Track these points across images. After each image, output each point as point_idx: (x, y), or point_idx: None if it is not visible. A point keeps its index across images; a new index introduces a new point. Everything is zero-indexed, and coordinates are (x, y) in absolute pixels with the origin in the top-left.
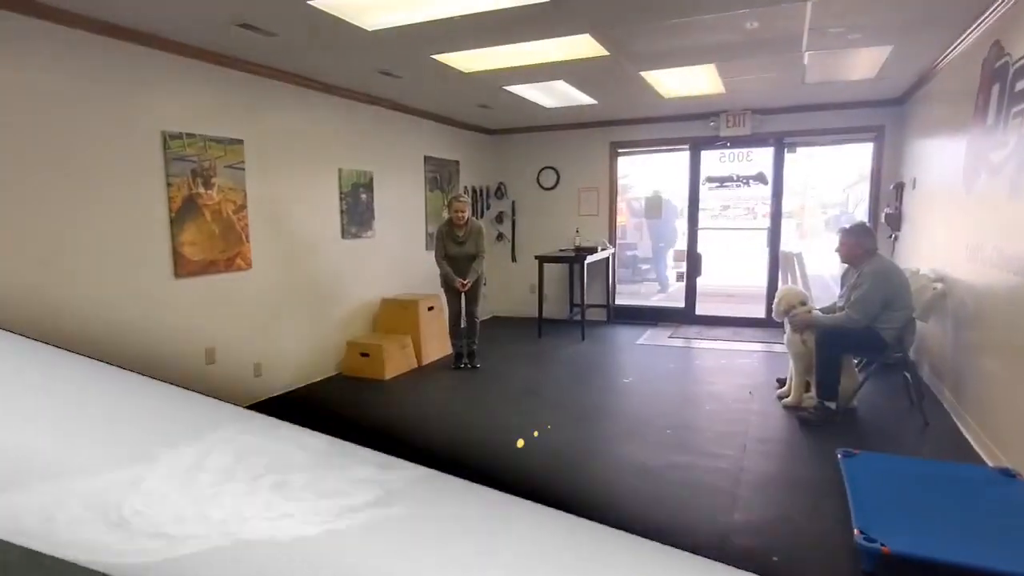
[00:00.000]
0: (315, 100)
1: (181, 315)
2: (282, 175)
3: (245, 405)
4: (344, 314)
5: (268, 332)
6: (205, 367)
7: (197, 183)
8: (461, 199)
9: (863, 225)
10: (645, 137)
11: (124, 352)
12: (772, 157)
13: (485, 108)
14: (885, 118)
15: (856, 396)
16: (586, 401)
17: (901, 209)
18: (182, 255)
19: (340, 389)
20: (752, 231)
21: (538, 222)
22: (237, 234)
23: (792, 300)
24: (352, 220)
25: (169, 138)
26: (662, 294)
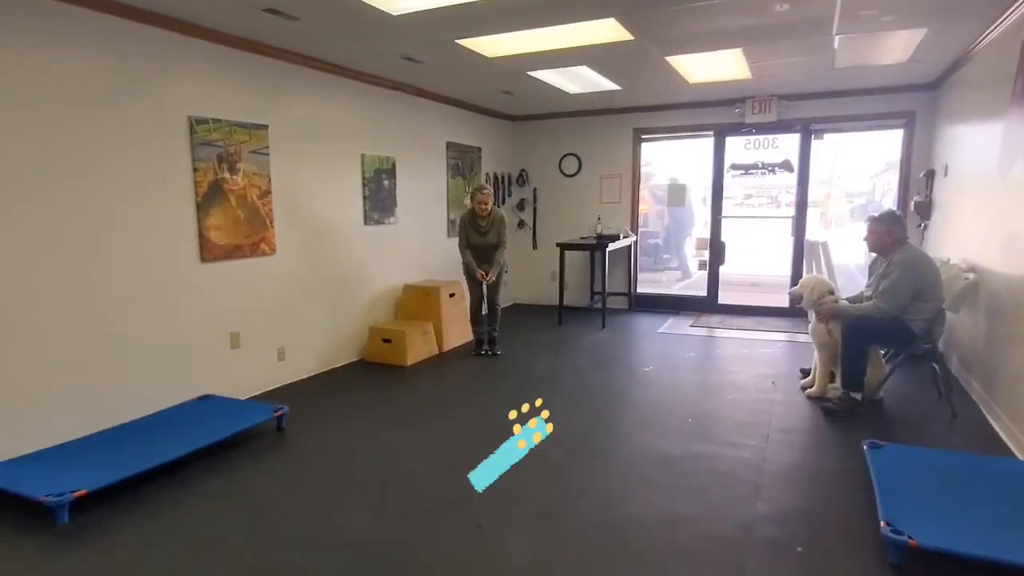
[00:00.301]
0: (338, 86)
1: (207, 299)
2: (306, 161)
3: (269, 389)
4: (366, 300)
5: (292, 317)
6: (230, 351)
7: (223, 168)
8: (484, 190)
9: (893, 213)
10: (669, 124)
11: (151, 334)
12: (798, 144)
13: (508, 94)
14: (916, 103)
15: (882, 387)
16: (606, 389)
17: (931, 197)
18: (208, 239)
19: (362, 374)
20: (776, 220)
21: (560, 209)
22: (262, 219)
23: (821, 289)
24: (375, 206)
25: (195, 123)
26: (685, 280)
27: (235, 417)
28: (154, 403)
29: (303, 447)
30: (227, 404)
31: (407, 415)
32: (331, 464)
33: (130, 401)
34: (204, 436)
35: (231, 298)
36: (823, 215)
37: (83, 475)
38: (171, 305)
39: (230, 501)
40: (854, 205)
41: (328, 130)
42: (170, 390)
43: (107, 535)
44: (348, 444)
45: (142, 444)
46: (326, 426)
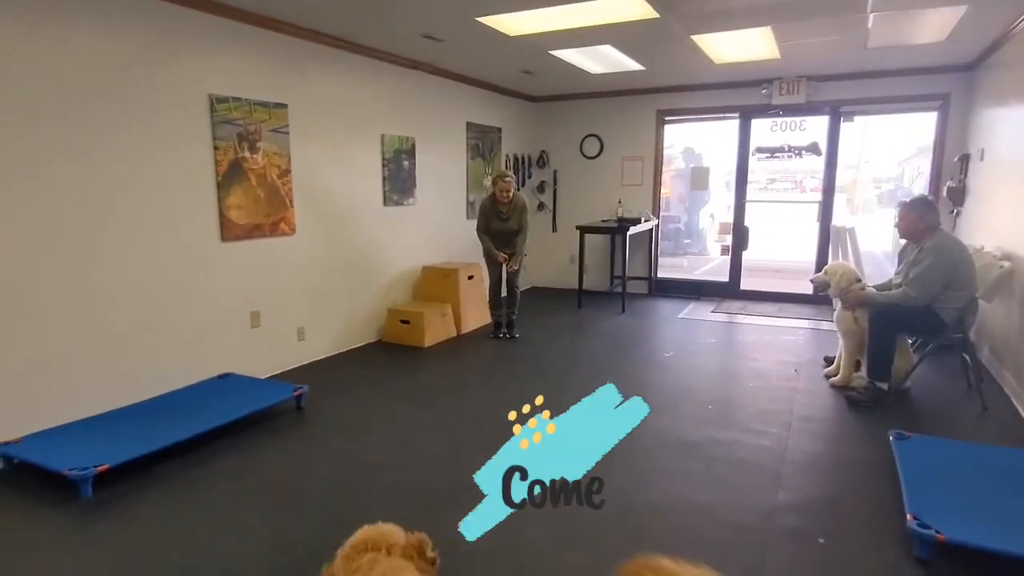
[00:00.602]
0: (358, 64)
1: (227, 278)
2: (325, 140)
3: (288, 369)
4: (385, 281)
5: (311, 297)
6: (250, 330)
7: (243, 147)
8: (507, 178)
9: (925, 199)
10: (693, 105)
11: (172, 312)
12: (827, 127)
13: (529, 74)
14: (952, 85)
15: (909, 377)
16: (625, 374)
17: (965, 182)
18: (228, 219)
19: (381, 355)
20: (800, 204)
21: (580, 192)
22: (281, 199)
23: (848, 277)
24: (394, 187)
25: (216, 101)
26: (699, 254)
27: (254, 395)
28: (174, 381)
29: (322, 426)
30: (247, 383)
31: (425, 396)
32: (349, 443)
33: (151, 379)
34: (224, 414)
35: (251, 277)
36: (850, 200)
37: (106, 450)
38: (192, 284)
39: (249, 479)
40: (882, 191)
41: (348, 110)
42: (190, 368)
43: (128, 509)
44: (367, 424)
45: (163, 421)
46: (345, 406)
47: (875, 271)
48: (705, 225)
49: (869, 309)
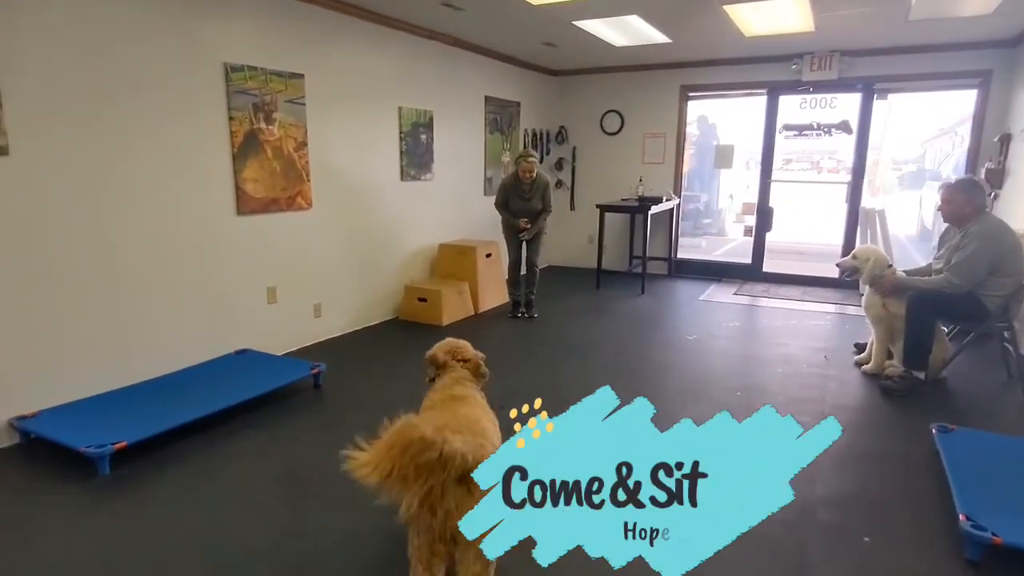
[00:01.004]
0: (375, 34)
1: (243, 253)
2: (343, 112)
3: (305, 345)
4: (402, 258)
5: (328, 273)
6: (266, 306)
7: (259, 118)
8: (530, 158)
9: (972, 180)
10: (719, 80)
11: (188, 287)
12: (859, 104)
13: (550, 46)
14: (994, 62)
15: (947, 367)
16: (648, 358)
17: (1005, 164)
18: (244, 192)
19: (398, 333)
20: (822, 185)
21: (599, 169)
22: (298, 172)
23: (880, 263)
24: (411, 162)
25: (231, 70)
26: (721, 238)
27: (272, 373)
28: (191, 356)
29: (340, 405)
30: (264, 359)
31: None
32: (369, 424)
33: (167, 354)
34: (241, 392)
35: (268, 252)
36: (870, 182)
37: (123, 427)
38: (208, 258)
39: (267, 459)
40: (903, 172)
41: (365, 81)
42: (207, 343)
43: (145, 488)
44: (386, 403)
45: (180, 398)
46: (363, 385)
47: (901, 256)
48: (724, 205)
49: (907, 295)
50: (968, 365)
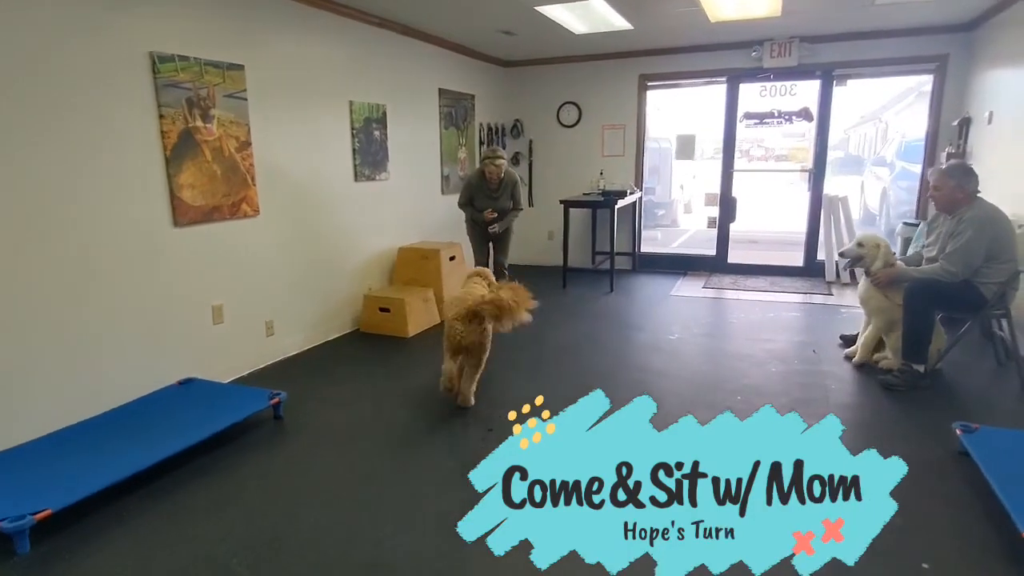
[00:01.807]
0: (321, 21)
1: (183, 269)
2: (289, 107)
3: (258, 368)
4: (359, 265)
5: (279, 286)
6: (212, 327)
7: (194, 115)
8: (498, 160)
9: (963, 164)
10: (678, 69)
11: (121, 311)
12: (818, 91)
13: (508, 34)
14: (950, 46)
15: (943, 358)
16: (634, 361)
17: (966, 148)
18: (181, 200)
19: (361, 348)
20: (778, 173)
21: (558, 163)
22: (242, 176)
23: (888, 253)
24: (365, 160)
25: (158, 60)
26: (675, 229)
27: (224, 406)
28: (129, 390)
29: (307, 438)
30: (213, 389)
31: (419, 396)
32: (342, 459)
33: (101, 389)
34: (189, 432)
35: (211, 267)
36: (803, 168)
37: (45, 490)
38: (141, 277)
39: (228, 513)
40: (831, 158)
41: (312, 73)
42: (147, 374)
43: (77, 567)
44: (358, 431)
45: (117, 443)
46: (329, 411)
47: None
48: (676, 196)
49: (905, 286)
50: (954, 352)
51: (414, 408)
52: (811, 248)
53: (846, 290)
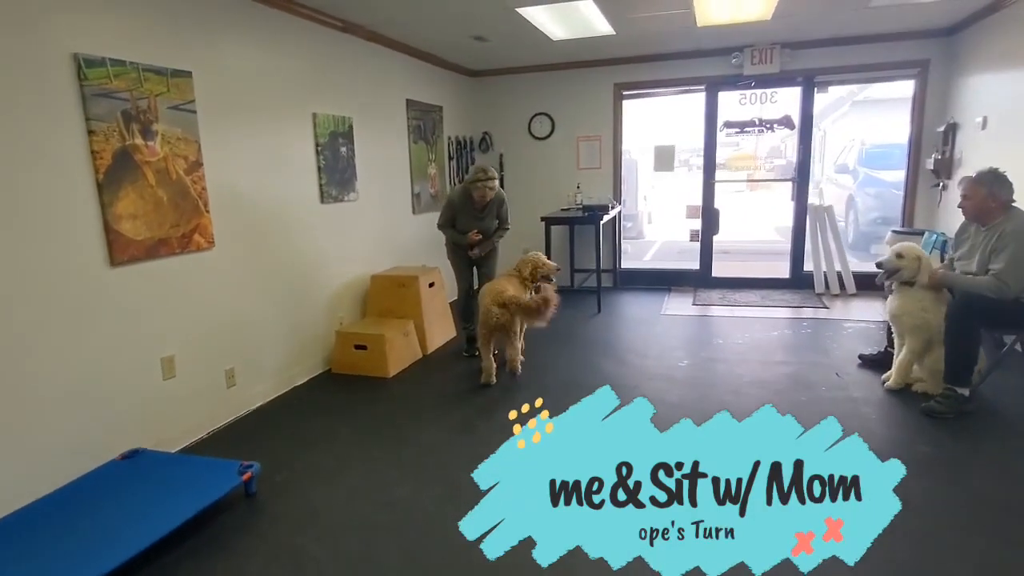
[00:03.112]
0: (279, 23)
1: (124, 317)
2: (246, 120)
3: (218, 427)
4: (329, 297)
5: (241, 328)
6: (162, 383)
7: (132, 131)
8: (489, 182)
9: (995, 171)
10: (655, 77)
11: (49, 372)
12: (800, 98)
13: (480, 40)
14: (931, 51)
15: (984, 380)
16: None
17: (952, 154)
18: (119, 234)
19: (337, 393)
20: (750, 184)
21: (531, 177)
22: (192, 201)
23: (929, 263)
24: (332, 180)
25: (85, 64)
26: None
27: (182, 485)
28: (57, 473)
29: (289, 522)
30: (167, 464)
31: (416, 454)
32: (335, 549)
33: (20, 475)
34: (137, 529)
35: (159, 312)
36: (750, 175)
37: None
38: (71, 330)
39: None
40: (773, 166)
41: (271, 82)
42: (80, 449)
43: None
44: (349, 505)
45: (46, 552)
46: (310, 479)
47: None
48: (641, 207)
49: (950, 298)
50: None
51: (415, 473)
52: (797, 259)
53: (837, 301)
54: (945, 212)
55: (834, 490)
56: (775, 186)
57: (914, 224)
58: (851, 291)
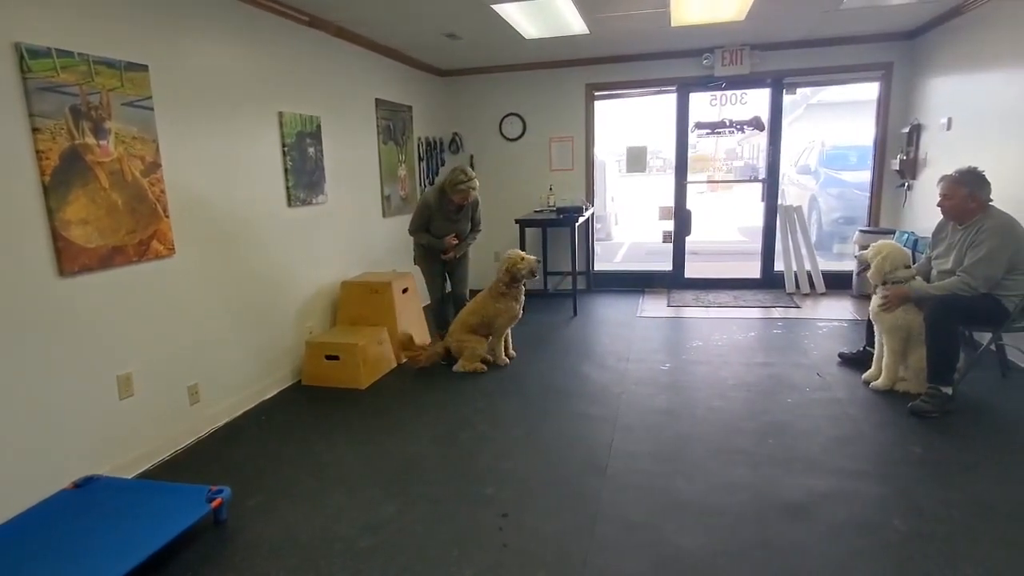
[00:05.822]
0: (243, 13)
1: (76, 332)
2: (208, 118)
3: (181, 448)
4: (298, 305)
5: (204, 340)
6: (119, 403)
7: (82, 128)
8: (472, 183)
9: (974, 171)
10: (627, 78)
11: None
12: (769, 99)
13: (452, 38)
14: (894, 54)
15: (964, 377)
16: (637, 401)
17: (916, 155)
18: (69, 241)
19: (308, 407)
20: (720, 184)
21: (502, 179)
22: (150, 206)
23: (895, 260)
24: (299, 182)
25: (28, 55)
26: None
27: (143, 515)
28: (5, 504)
29: (263, 553)
30: (126, 492)
31: (398, 469)
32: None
33: None
34: (97, 569)
35: (114, 325)
36: (710, 177)
37: None
38: (16, 346)
39: None
40: (731, 167)
41: (234, 77)
42: (30, 478)
43: None
44: (327, 530)
45: None
46: (283, 503)
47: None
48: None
49: (926, 304)
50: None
51: (398, 495)
52: (768, 259)
53: (807, 300)
54: (911, 211)
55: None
56: (735, 187)
57: (880, 223)
58: (821, 290)
